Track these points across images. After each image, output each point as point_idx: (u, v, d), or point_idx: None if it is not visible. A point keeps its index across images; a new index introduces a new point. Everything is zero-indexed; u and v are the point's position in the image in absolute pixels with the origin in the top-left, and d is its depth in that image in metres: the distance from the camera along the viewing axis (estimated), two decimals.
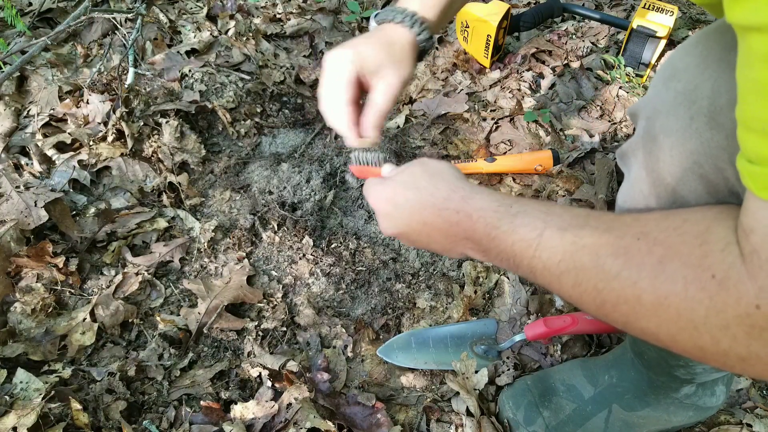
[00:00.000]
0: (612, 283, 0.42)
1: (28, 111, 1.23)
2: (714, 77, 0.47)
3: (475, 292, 1.05)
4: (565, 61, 1.52)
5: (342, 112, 0.65)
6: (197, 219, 1.14)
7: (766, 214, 0.35)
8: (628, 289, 0.41)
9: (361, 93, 0.67)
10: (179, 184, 1.17)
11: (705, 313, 0.37)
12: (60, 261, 0.99)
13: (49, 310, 0.95)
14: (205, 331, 0.97)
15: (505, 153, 1.33)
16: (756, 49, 0.32)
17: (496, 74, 1.49)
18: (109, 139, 1.17)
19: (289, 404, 0.85)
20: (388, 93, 0.64)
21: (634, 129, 0.60)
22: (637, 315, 0.42)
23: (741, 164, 0.36)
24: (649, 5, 1.41)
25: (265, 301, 1.03)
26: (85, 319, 0.94)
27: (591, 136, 1.35)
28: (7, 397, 0.80)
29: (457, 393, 0.91)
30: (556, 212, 0.49)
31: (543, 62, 1.53)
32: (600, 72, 1.49)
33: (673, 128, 0.49)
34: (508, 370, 0.96)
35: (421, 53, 0.69)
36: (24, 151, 1.17)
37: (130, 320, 0.97)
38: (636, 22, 1.39)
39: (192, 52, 1.43)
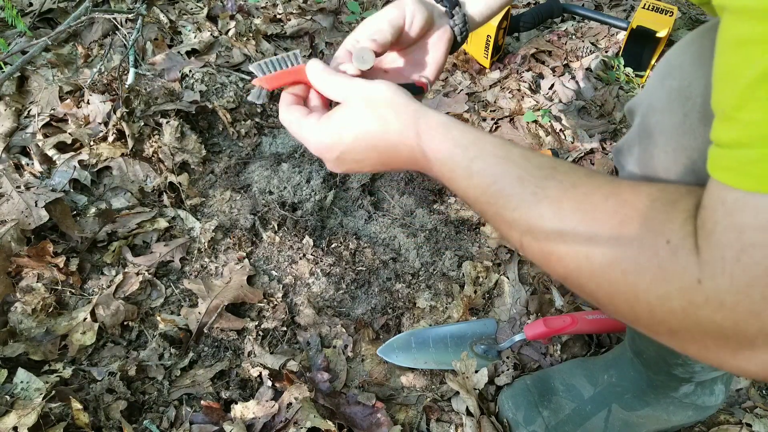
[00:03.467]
0: (565, 236, 0.42)
1: (29, 111, 1.24)
2: (708, 75, 0.47)
3: (475, 292, 1.06)
4: (565, 62, 1.52)
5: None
6: (198, 219, 1.14)
7: (715, 190, 0.35)
8: (581, 246, 0.41)
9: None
10: (180, 184, 1.17)
11: (650, 279, 0.37)
12: (60, 261, 0.99)
13: (50, 310, 0.95)
14: (206, 331, 0.97)
15: None
16: (724, 33, 0.33)
17: (496, 74, 1.49)
18: (110, 139, 1.17)
19: (290, 404, 0.85)
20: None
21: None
22: (581, 272, 0.41)
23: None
24: (649, 5, 1.41)
25: (265, 300, 1.03)
26: (85, 319, 0.94)
27: (591, 136, 1.35)
28: (7, 397, 0.80)
29: (457, 393, 0.92)
30: (514, 159, 0.47)
31: (543, 62, 1.53)
32: (600, 72, 1.49)
33: (667, 125, 0.49)
34: (508, 369, 0.96)
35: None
36: (25, 151, 1.17)
37: (130, 320, 0.97)
38: (636, 22, 1.39)
39: (192, 53, 1.43)
